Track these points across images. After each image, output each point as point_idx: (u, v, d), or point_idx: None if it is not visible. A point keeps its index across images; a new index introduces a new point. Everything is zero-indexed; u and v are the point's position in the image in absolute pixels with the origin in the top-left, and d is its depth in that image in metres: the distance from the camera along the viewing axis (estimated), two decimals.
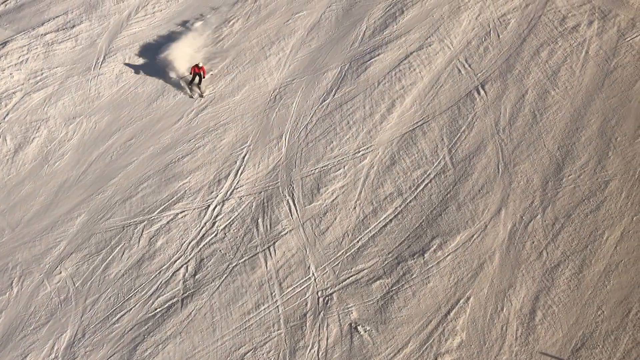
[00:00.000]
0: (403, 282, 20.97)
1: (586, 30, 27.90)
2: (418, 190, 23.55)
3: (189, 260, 22.25)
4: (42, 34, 32.00)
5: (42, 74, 30.16)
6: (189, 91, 28.18)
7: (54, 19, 32.76)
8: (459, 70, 27.22)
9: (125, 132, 27.24)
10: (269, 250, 22.23)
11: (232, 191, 24.29)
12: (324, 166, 24.70)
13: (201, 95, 27.90)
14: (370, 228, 22.63)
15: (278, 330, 20.25)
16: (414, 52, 28.16)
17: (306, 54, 29.41)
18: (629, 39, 27.22)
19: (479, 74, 26.92)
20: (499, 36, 28.30)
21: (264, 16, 31.62)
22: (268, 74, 28.76)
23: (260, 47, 30.01)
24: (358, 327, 20.03)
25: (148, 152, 26.20)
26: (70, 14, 32.97)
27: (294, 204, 23.59)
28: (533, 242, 21.61)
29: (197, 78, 28.01)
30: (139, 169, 25.56)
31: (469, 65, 27.32)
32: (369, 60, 28.23)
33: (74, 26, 32.35)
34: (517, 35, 28.25)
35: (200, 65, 28.10)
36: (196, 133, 26.63)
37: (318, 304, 20.72)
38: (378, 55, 28.32)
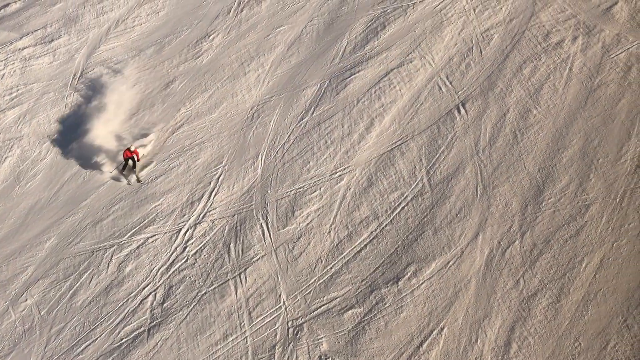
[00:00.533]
0: (376, 312, 20.38)
1: (570, 46, 27.24)
2: (394, 213, 22.96)
3: (157, 288, 21.70)
4: (20, 49, 31.56)
5: (17, 91, 29.71)
6: (124, 179, 25.06)
7: (32, 32, 32.34)
8: (440, 88, 26.61)
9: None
10: (240, 277, 21.67)
11: (205, 214, 23.73)
12: (300, 188, 24.12)
13: (139, 181, 24.82)
14: (344, 254, 22.05)
15: None
16: (394, 68, 27.55)
17: (286, 70, 28.84)
18: (613, 55, 26.55)
19: (460, 92, 26.30)
20: (481, 52, 27.68)
21: (244, 30, 31.08)
22: (247, 91, 28.21)
23: (240, 62, 29.46)
24: None
25: None
26: (50, 28, 32.52)
27: (268, 228, 23.02)
28: (510, 270, 21.00)
29: (130, 162, 24.97)
30: (111, 190, 25.03)
31: (450, 83, 26.71)
32: (349, 77, 27.64)
33: (52, 40, 31.90)
34: (500, 51, 27.60)
35: (132, 148, 25.09)
36: (171, 153, 26.10)
37: (288, 334, 20.14)
38: (358, 72, 27.73)
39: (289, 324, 20.36)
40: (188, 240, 22.94)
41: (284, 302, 20.92)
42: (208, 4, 33.02)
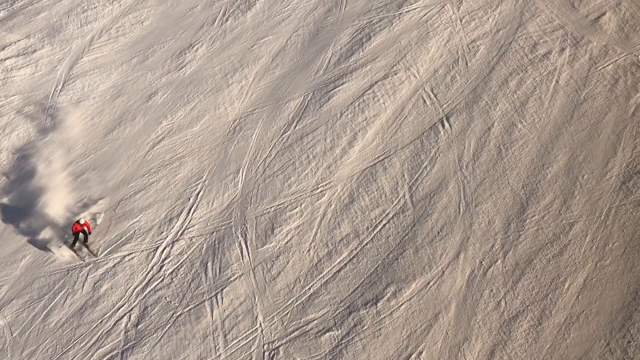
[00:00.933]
0: (353, 335, 19.94)
1: (557, 58, 26.80)
2: (375, 231, 22.52)
3: (132, 308, 21.27)
4: (1, 59, 31.13)
5: None
6: (76, 255, 22.69)
7: (15, 42, 31.90)
8: (424, 101, 26.17)
9: (79, 166, 26.28)
10: (216, 297, 21.24)
11: (183, 231, 23.31)
12: (280, 204, 23.70)
13: (94, 255, 22.61)
14: (323, 273, 21.62)
15: None
16: (379, 81, 27.11)
17: (269, 82, 28.42)
18: (600, 67, 26.10)
19: (445, 105, 25.86)
20: (467, 64, 27.23)
21: (229, 41, 30.66)
22: (229, 103, 27.79)
23: (223, 74, 29.04)
24: None
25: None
26: (33, 38, 32.09)
27: (246, 246, 22.60)
28: (492, 290, 20.56)
29: (81, 236, 22.77)
30: None
31: (435, 96, 26.27)
32: (332, 89, 27.21)
33: (35, 51, 31.49)
34: (485, 63, 27.16)
35: (82, 221, 22.87)
36: (151, 167, 25.67)
37: (263, 358, 19.71)
38: (342, 84, 27.29)
39: (265, 347, 19.94)
40: (165, 258, 22.52)
41: (260, 324, 20.49)
42: (193, 13, 32.63)
